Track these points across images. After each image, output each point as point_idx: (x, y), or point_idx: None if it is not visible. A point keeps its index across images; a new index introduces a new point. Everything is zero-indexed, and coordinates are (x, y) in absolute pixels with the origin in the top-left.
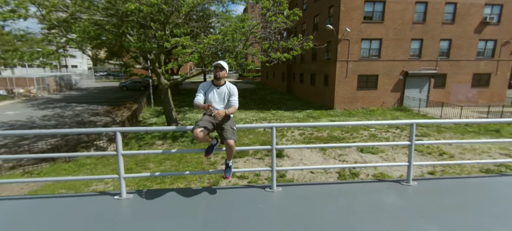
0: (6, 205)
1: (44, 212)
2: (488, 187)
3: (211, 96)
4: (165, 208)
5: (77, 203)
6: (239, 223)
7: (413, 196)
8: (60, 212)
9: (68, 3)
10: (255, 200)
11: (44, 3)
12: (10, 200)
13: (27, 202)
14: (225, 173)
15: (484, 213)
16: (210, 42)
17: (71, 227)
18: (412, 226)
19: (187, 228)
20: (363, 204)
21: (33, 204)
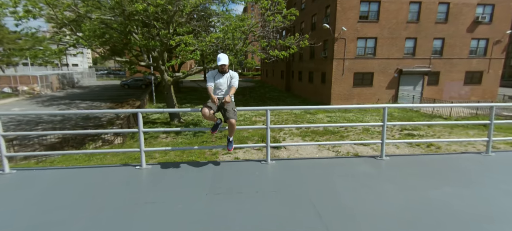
0: (49, 173)
1: (80, 178)
2: (449, 161)
3: (218, 81)
4: (178, 176)
5: (106, 171)
6: (239, 187)
7: (384, 167)
8: (93, 178)
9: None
10: (253, 170)
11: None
12: (52, 169)
13: (66, 171)
14: (227, 146)
15: (441, 179)
16: (211, 40)
17: (103, 188)
18: (378, 187)
19: (197, 190)
20: (341, 172)
21: (71, 173)
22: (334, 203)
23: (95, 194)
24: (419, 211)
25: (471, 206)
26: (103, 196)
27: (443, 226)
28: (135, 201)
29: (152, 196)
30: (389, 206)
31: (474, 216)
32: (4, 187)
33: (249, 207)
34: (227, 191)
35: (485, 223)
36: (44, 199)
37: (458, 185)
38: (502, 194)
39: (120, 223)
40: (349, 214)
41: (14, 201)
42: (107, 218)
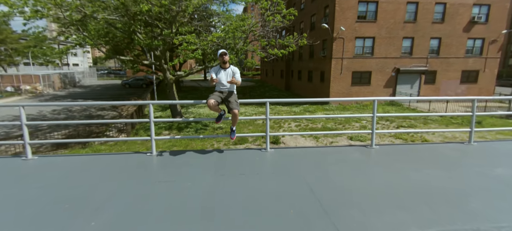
0: (69, 159)
1: (97, 163)
2: (433, 149)
3: (220, 76)
4: (185, 161)
5: (120, 158)
6: (241, 169)
7: (374, 154)
8: (109, 163)
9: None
10: (253, 156)
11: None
12: (71, 156)
13: (83, 157)
14: (230, 135)
15: (423, 163)
16: (213, 39)
17: (119, 170)
18: (366, 170)
19: (203, 172)
20: (334, 159)
21: (88, 159)
22: (326, 182)
23: (112, 175)
24: (400, 187)
25: (446, 184)
26: (120, 176)
27: (420, 198)
28: (149, 180)
29: (163, 176)
30: (374, 184)
31: (447, 190)
32: (28, 171)
33: (250, 185)
34: (231, 173)
35: (456, 196)
36: (67, 179)
37: (437, 168)
38: (475, 175)
39: (139, 197)
40: (339, 191)
41: (38, 182)
42: (126, 193)
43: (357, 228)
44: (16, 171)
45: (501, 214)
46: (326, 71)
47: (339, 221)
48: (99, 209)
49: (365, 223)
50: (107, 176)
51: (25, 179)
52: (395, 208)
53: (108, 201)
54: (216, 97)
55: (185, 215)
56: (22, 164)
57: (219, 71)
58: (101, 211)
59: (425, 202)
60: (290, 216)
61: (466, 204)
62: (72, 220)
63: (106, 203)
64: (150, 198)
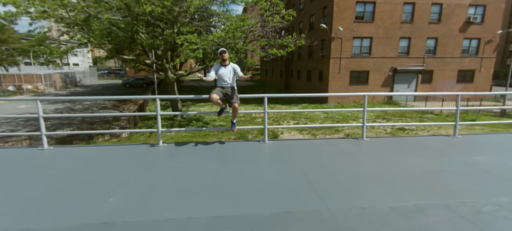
0: (82, 149)
1: (108, 153)
2: (420, 141)
3: (221, 73)
4: (190, 150)
5: (129, 148)
6: (242, 157)
7: (364, 145)
8: (120, 152)
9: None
10: (253, 147)
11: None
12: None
13: (95, 148)
14: (231, 128)
15: (409, 153)
16: (214, 39)
17: (130, 158)
18: (356, 158)
19: (207, 159)
20: (327, 149)
21: (99, 149)
22: (319, 167)
23: (123, 163)
24: (384, 172)
25: (427, 169)
26: (131, 164)
27: (401, 180)
28: (158, 166)
29: (170, 162)
30: (361, 169)
31: (427, 174)
32: (45, 159)
33: (250, 170)
34: (232, 160)
35: (435, 179)
36: (82, 165)
37: (421, 157)
38: (455, 162)
39: (150, 179)
40: (329, 174)
41: (56, 168)
42: (138, 176)
43: (342, 202)
44: (34, 159)
45: (470, 193)
46: (325, 71)
47: (326, 197)
48: (115, 189)
49: (349, 199)
50: (119, 164)
51: (43, 166)
52: (377, 187)
53: (122, 183)
54: (218, 92)
55: (193, 193)
56: (39, 153)
57: (219, 69)
58: (117, 190)
59: (406, 183)
60: (285, 194)
61: (442, 185)
62: (92, 198)
63: (121, 184)
64: (160, 180)
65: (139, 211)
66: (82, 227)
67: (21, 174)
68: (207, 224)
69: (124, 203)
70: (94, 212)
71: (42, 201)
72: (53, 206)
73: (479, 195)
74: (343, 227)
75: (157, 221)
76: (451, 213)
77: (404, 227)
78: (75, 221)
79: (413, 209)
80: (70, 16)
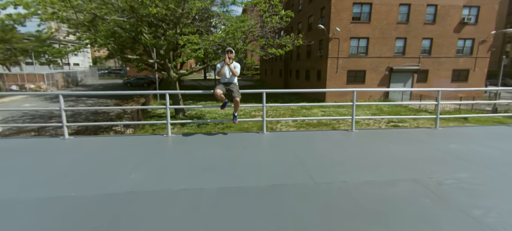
0: (98, 139)
1: (123, 142)
2: (403, 133)
3: (224, 70)
4: (196, 140)
5: (141, 138)
6: (243, 145)
7: (353, 136)
8: (132, 142)
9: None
10: (252, 137)
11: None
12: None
13: (111, 138)
14: (233, 120)
15: (392, 141)
16: (215, 39)
17: (141, 147)
18: (344, 146)
19: (212, 147)
20: (319, 138)
21: (115, 139)
22: (310, 152)
23: (137, 150)
24: (367, 156)
25: (405, 154)
26: (144, 150)
27: (380, 162)
28: (170, 151)
29: (180, 148)
30: (347, 154)
31: (404, 158)
32: (68, 147)
33: (251, 155)
34: (234, 147)
35: (409, 161)
36: (101, 152)
37: (401, 145)
38: (431, 149)
39: (162, 161)
40: (318, 158)
41: (78, 154)
42: (152, 159)
43: (326, 177)
44: (59, 146)
45: (437, 171)
46: (323, 70)
47: (314, 173)
48: (134, 168)
49: (333, 175)
50: (134, 150)
51: (68, 151)
52: (359, 167)
53: (140, 164)
54: (221, 87)
55: (203, 170)
56: (61, 142)
57: (224, 66)
58: (136, 169)
59: (384, 164)
60: (280, 171)
61: (415, 165)
62: (116, 175)
63: (139, 165)
64: (173, 161)
65: (157, 184)
66: (112, 195)
67: (51, 158)
68: (217, 193)
69: (143, 178)
70: (119, 185)
71: (74, 177)
72: (84, 181)
73: (444, 173)
74: (326, 195)
75: (172, 190)
76: (417, 185)
77: (376, 195)
78: (106, 190)
79: (386, 182)
80: (78, 17)
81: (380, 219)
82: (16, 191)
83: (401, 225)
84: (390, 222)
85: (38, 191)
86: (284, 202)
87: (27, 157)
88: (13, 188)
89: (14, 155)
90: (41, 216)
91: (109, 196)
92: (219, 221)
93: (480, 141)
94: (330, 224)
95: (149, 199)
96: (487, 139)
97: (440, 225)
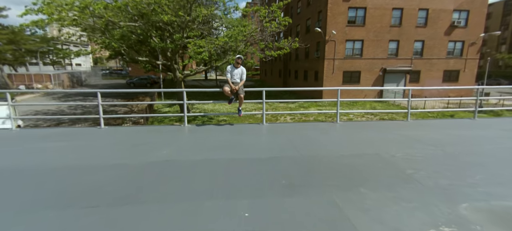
0: (127, 128)
1: (146, 131)
2: (381, 124)
3: (234, 72)
4: (208, 129)
5: (161, 128)
6: (247, 133)
7: (337, 126)
8: (155, 131)
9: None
10: (254, 127)
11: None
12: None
13: (137, 128)
14: (238, 113)
15: (370, 130)
16: (219, 43)
17: (164, 134)
18: (329, 133)
19: (221, 133)
20: (310, 128)
21: (140, 128)
22: (301, 136)
23: (160, 136)
24: (344, 140)
25: (375, 139)
26: (166, 136)
27: (354, 143)
28: (189, 136)
29: (195, 135)
30: (329, 139)
31: (372, 141)
32: (104, 134)
33: (253, 138)
34: (239, 134)
35: (377, 143)
36: (132, 138)
37: (374, 132)
38: (396, 135)
39: (182, 144)
40: (307, 140)
41: (114, 139)
42: (173, 143)
43: (310, 152)
44: (99, 133)
45: (394, 149)
46: (320, 71)
47: (301, 150)
48: (164, 146)
49: (316, 151)
50: (158, 135)
51: (107, 137)
52: (336, 147)
53: (167, 144)
54: (229, 86)
55: (216, 148)
56: (99, 130)
57: (233, 69)
58: (166, 147)
59: (356, 145)
60: (275, 149)
61: (380, 145)
62: (151, 151)
63: (167, 144)
64: (193, 142)
65: (184, 156)
66: (154, 163)
67: (98, 141)
68: (228, 162)
69: (173, 153)
70: (157, 156)
71: (122, 153)
72: (131, 155)
73: (398, 150)
74: (309, 163)
75: (196, 160)
76: (376, 157)
77: (345, 163)
78: (149, 160)
79: (355, 155)
80: (94, 23)
81: (345, 176)
82: (90, 160)
83: (359, 179)
84: (352, 177)
85: (104, 160)
86: (277, 168)
87: (81, 140)
88: (85, 159)
89: (71, 138)
90: (114, 175)
91: (152, 163)
92: (230, 180)
93: (438, 129)
94: (310, 180)
95: (179, 165)
96: (444, 128)
97: (382, 178)
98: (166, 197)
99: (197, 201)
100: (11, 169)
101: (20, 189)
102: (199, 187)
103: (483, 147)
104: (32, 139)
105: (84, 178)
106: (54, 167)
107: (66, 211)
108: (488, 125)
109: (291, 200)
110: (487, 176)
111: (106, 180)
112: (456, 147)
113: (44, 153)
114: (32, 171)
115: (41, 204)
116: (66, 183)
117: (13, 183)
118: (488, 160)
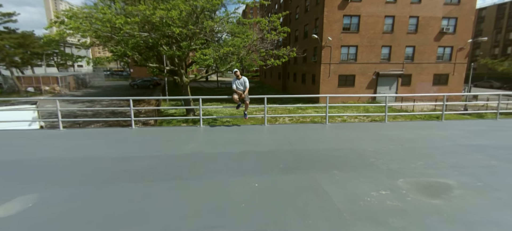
0: (154, 129)
1: (170, 131)
2: (362, 125)
3: (237, 83)
4: (220, 129)
5: (181, 128)
6: (251, 132)
7: (326, 127)
8: (177, 131)
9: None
10: (257, 127)
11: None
12: (153, 127)
13: (162, 128)
14: (244, 117)
15: (352, 130)
16: (223, 51)
17: (185, 133)
18: (319, 132)
19: (230, 131)
20: (304, 128)
21: (164, 129)
22: (295, 135)
23: (183, 134)
24: (330, 137)
25: (354, 137)
26: (187, 134)
27: (339, 140)
28: (205, 134)
29: (210, 134)
30: (319, 137)
31: (353, 138)
32: (134, 134)
33: (255, 136)
34: (245, 133)
35: (354, 140)
36: (160, 135)
37: (355, 132)
38: (372, 134)
39: (204, 138)
40: (300, 138)
41: (146, 137)
42: (193, 140)
43: (302, 146)
44: (132, 133)
45: (367, 144)
46: (317, 75)
47: (295, 145)
48: (188, 142)
49: (307, 145)
50: (181, 134)
51: (140, 135)
52: (323, 143)
53: (190, 140)
54: (236, 94)
55: (227, 144)
56: (130, 130)
57: (236, 80)
58: (189, 143)
59: (338, 141)
60: (273, 144)
61: (355, 142)
62: (178, 145)
63: (190, 141)
64: (209, 139)
65: (205, 149)
66: (185, 154)
67: (133, 137)
68: (238, 153)
69: (196, 147)
70: (185, 149)
71: (157, 147)
72: (164, 148)
73: (370, 145)
74: (299, 154)
75: (214, 152)
76: (351, 151)
77: (326, 155)
78: (180, 152)
79: (334, 149)
80: (113, 34)
81: (325, 163)
82: (136, 152)
83: (334, 165)
84: (330, 164)
85: (146, 152)
86: (276, 157)
87: (120, 137)
88: (131, 151)
89: (111, 136)
90: (158, 162)
91: (183, 154)
92: (243, 164)
93: (410, 130)
94: (300, 165)
95: (204, 155)
96: (416, 129)
97: (351, 165)
98: (201, 175)
99: (223, 178)
100: (79, 158)
101: (94, 171)
102: (222, 169)
103: (436, 143)
104: (76, 137)
105: (136, 164)
106: (110, 157)
107: (138, 183)
108: (453, 125)
109: (286, 177)
110: (427, 163)
111: (153, 165)
112: (414, 143)
113: (96, 146)
114: (97, 159)
115: (118, 180)
116: (126, 167)
117: (85, 167)
118: (435, 152)
